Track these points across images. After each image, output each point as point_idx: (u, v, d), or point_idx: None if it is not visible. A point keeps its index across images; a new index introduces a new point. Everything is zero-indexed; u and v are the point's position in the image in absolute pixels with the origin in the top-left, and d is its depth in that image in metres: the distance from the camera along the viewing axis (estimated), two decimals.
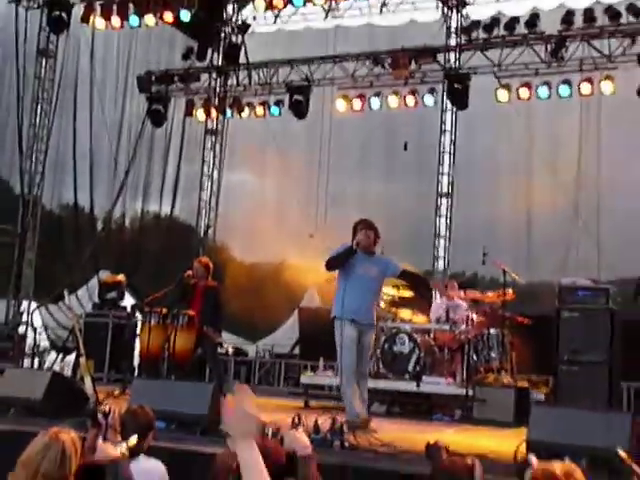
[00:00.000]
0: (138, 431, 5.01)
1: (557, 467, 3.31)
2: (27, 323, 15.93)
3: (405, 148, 15.58)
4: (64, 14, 15.32)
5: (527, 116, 15.04)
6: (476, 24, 15.30)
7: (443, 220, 16.42)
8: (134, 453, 4.86)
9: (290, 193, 16.99)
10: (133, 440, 4.68)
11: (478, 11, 15.74)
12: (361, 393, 7.71)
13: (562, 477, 3.18)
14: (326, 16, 16.39)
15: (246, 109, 17.05)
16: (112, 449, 4.33)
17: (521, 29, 14.58)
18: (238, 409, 2.58)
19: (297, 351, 15.38)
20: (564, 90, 14.39)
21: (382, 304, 10.75)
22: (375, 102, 15.91)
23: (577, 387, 9.73)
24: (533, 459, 3.75)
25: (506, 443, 6.24)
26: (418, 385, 10.37)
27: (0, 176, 17.23)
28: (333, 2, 15.16)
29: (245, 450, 2.53)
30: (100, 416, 4.97)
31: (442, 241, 16.29)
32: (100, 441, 4.49)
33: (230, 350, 14.10)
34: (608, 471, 3.92)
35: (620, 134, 14.33)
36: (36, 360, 14.71)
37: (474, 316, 11.07)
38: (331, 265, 7.71)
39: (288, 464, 3.80)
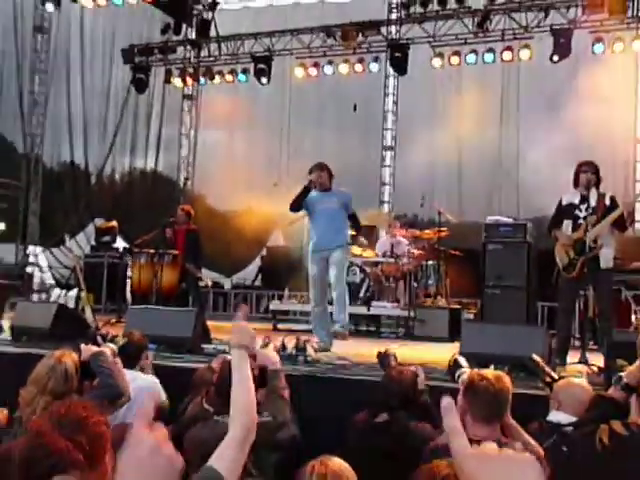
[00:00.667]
0: (133, 351, 5.23)
1: (489, 373, 3.61)
2: (34, 264, 15.99)
3: (355, 109, 15.60)
4: None
5: (458, 80, 15.05)
6: (414, 0, 15.15)
7: (387, 170, 16.63)
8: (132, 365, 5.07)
9: (257, 149, 16.94)
10: (119, 342, 5.08)
11: None
12: (335, 305, 7.51)
13: (493, 380, 3.46)
14: None
15: (217, 77, 16.92)
16: (95, 348, 4.52)
17: (452, 4, 14.43)
18: (240, 324, 2.66)
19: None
20: (489, 57, 14.40)
21: None
22: (328, 69, 15.84)
23: (500, 307, 9.67)
24: (462, 360, 4.14)
25: (442, 354, 6.30)
26: (368, 309, 10.57)
27: (5, 137, 17.09)
28: None
29: (240, 358, 2.55)
30: (99, 339, 5.17)
31: (387, 187, 16.55)
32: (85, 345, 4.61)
33: (209, 283, 14.12)
34: (526, 374, 4.05)
35: (535, 94, 14.44)
36: (43, 295, 14.81)
37: (414, 250, 11.21)
38: (293, 206, 7.49)
39: (260, 377, 3.95)
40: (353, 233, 8.97)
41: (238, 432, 2.29)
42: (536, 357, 4.50)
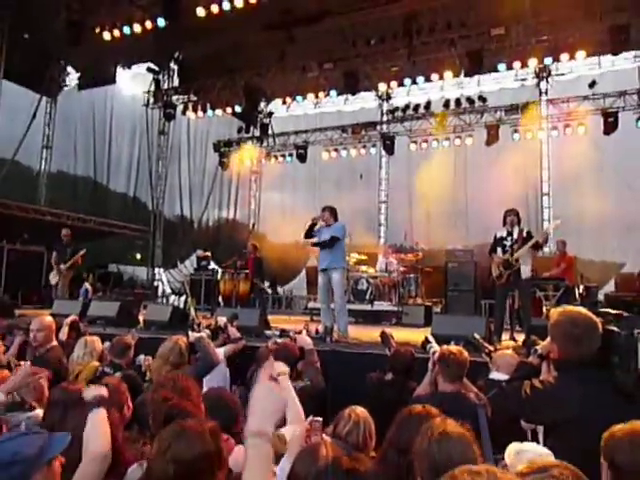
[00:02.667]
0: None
1: (454, 347, 3.52)
2: (158, 280, 16.14)
3: (361, 177, 15.79)
4: (172, 110, 15.26)
5: (426, 157, 14.92)
6: (396, 108, 15.48)
7: (382, 215, 16.65)
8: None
9: (298, 204, 16.82)
10: (206, 332, 4.92)
11: (398, 101, 15.86)
12: (336, 315, 6.78)
13: (458, 353, 3.37)
14: (315, 106, 16.47)
15: (272, 159, 17.08)
16: (197, 334, 4.43)
17: (421, 110, 14.70)
18: (264, 387, 1.48)
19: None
20: (446, 143, 14.58)
21: (351, 263, 10.57)
22: (344, 153, 16.08)
23: (457, 304, 9.70)
24: (431, 338, 3.98)
25: (420, 335, 6.18)
26: (372, 306, 10.56)
27: (140, 199, 17.11)
28: (318, 99, 15.07)
29: (256, 452, 1.38)
30: (197, 328, 5.20)
31: (382, 227, 16.48)
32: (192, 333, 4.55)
33: (269, 291, 14.28)
34: (472, 347, 3.81)
35: (477, 166, 14.32)
36: (164, 300, 14.87)
37: (401, 268, 11.05)
38: (305, 236, 6.95)
39: (300, 354, 4.00)
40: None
41: None
42: (477, 335, 4.30)
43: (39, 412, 2.65)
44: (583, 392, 2.19)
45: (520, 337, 6.17)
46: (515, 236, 6.57)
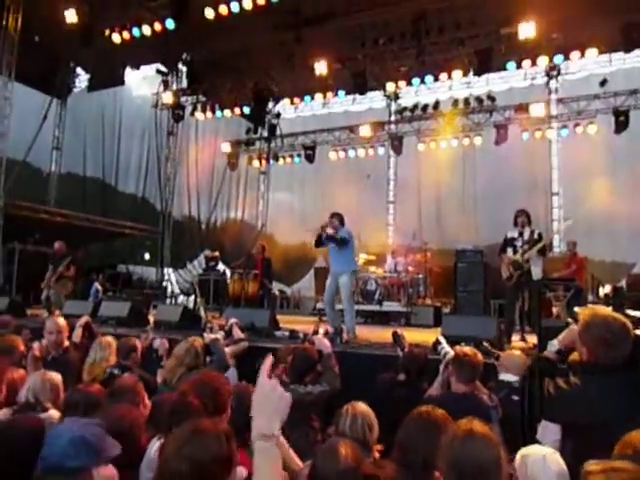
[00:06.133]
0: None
1: (468, 349, 3.48)
2: (167, 280, 16.10)
3: (368, 177, 15.65)
4: (181, 112, 15.27)
5: (434, 157, 14.96)
6: (405, 108, 15.42)
7: (390, 216, 16.60)
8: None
9: (307, 205, 16.86)
10: (221, 333, 5.03)
11: (406, 101, 15.81)
12: (344, 316, 6.78)
13: (470, 353, 3.37)
14: (323, 106, 16.48)
15: (281, 159, 17.06)
16: (212, 335, 4.54)
17: (430, 110, 14.58)
18: (266, 387, 1.41)
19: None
20: (454, 143, 14.47)
21: (360, 262, 10.50)
22: (351, 153, 16.05)
23: (467, 304, 9.53)
24: (442, 339, 4.03)
25: (429, 336, 5.86)
26: (381, 307, 10.51)
27: (149, 200, 17.19)
28: (326, 99, 15.07)
29: (264, 456, 1.33)
30: (208, 327, 5.36)
31: (390, 227, 16.39)
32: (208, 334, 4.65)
33: (277, 292, 14.12)
34: (482, 353, 3.65)
35: (486, 166, 14.26)
36: (172, 300, 14.73)
37: (410, 268, 11.04)
38: (315, 244, 6.90)
39: (319, 357, 3.96)
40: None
41: None
42: (485, 344, 4.39)
43: (54, 413, 2.65)
44: (611, 396, 2.18)
45: (530, 338, 6.20)
46: (526, 237, 6.53)
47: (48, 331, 4.25)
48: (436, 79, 13.09)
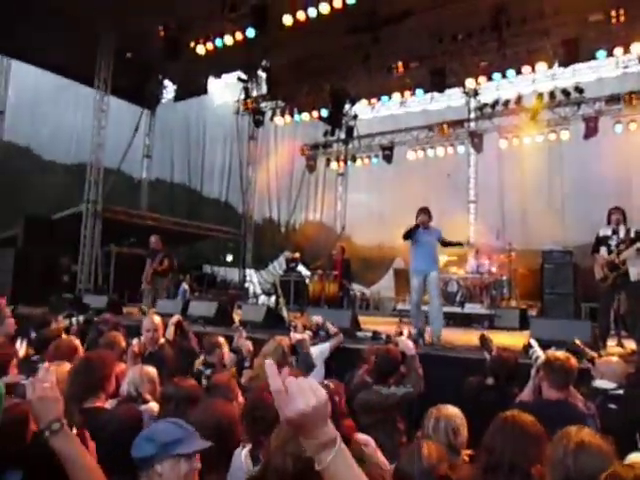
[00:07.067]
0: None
1: (560, 353, 3.34)
2: (249, 280, 16.42)
3: (448, 176, 15.39)
4: (261, 117, 15.57)
5: (517, 154, 14.55)
6: (485, 104, 15.02)
7: (472, 215, 16.25)
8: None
9: (385, 205, 16.74)
10: (308, 333, 5.12)
11: (485, 97, 15.35)
12: (432, 316, 6.59)
13: (563, 358, 3.23)
14: (400, 106, 16.33)
15: (358, 161, 17.10)
16: (299, 335, 4.55)
17: (512, 105, 14.18)
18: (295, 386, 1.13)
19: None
20: (539, 139, 14.00)
21: (440, 264, 10.54)
22: (430, 152, 15.82)
23: (555, 307, 9.22)
24: (534, 343, 3.82)
25: (514, 339, 6.00)
26: (463, 309, 10.35)
27: (232, 205, 17.69)
28: (404, 98, 14.93)
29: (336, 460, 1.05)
30: (292, 326, 5.49)
31: (472, 226, 15.99)
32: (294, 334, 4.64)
33: (357, 293, 14.26)
34: (573, 354, 3.43)
35: (574, 162, 13.70)
36: (254, 300, 14.95)
37: (493, 269, 10.86)
38: (405, 236, 6.72)
39: (402, 359, 3.93)
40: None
41: None
42: (577, 341, 4.21)
43: (153, 405, 2.80)
44: None
45: (628, 344, 5.99)
46: (621, 235, 6.22)
47: (145, 329, 4.49)
48: (518, 72, 12.64)
